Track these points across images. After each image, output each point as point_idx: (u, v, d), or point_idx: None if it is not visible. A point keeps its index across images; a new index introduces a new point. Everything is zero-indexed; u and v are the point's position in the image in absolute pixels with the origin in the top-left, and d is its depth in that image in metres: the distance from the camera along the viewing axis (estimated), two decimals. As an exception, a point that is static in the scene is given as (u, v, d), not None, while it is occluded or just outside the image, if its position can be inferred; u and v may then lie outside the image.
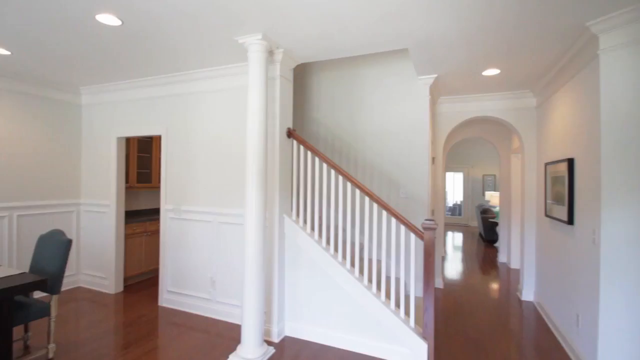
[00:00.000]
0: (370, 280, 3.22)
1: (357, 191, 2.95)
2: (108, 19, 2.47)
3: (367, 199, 2.94)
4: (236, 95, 3.50)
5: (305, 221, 3.43)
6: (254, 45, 2.73)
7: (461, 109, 4.64)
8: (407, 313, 3.02)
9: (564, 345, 3.11)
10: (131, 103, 4.13)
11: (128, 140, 4.81)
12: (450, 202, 12.17)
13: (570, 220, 2.95)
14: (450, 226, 11.25)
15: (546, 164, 3.68)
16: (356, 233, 2.96)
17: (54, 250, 2.81)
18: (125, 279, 4.51)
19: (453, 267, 5.98)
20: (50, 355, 2.75)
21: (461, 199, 11.81)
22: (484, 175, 11.28)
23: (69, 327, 3.31)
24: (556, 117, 3.46)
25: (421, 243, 3.82)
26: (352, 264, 3.25)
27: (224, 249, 3.55)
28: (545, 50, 2.94)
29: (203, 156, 3.67)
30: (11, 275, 2.49)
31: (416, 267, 3.85)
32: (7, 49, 3.04)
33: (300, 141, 3.20)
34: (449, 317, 3.73)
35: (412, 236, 2.72)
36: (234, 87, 3.50)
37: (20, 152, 3.91)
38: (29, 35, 2.74)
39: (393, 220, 2.80)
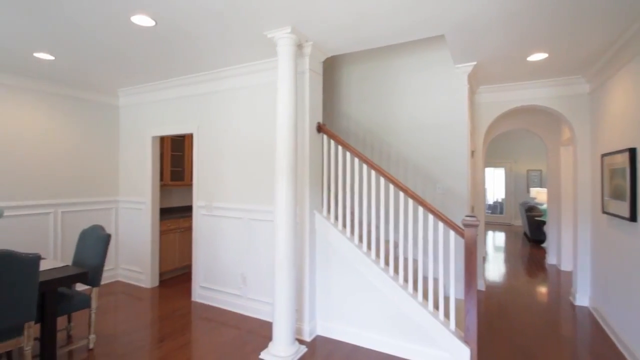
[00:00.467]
0: (405, 280, 3.06)
1: (391, 186, 2.80)
2: (142, 20, 2.50)
3: (401, 194, 2.79)
4: (265, 91, 3.46)
5: (336, 217, 3.33)
6: (283, 40, 2.67)
7: (503, 98, 4.33)
8: (446, 315, 2.84)
9: (626, 354, 2.78)
10: (164, 103, 4.23)
11: (162, 139, 4.94)
12: (490, 199, 11.57)
13: (633, 217, 2.63)
14: (491, 225, 10.69)
15: (603, 156, 3.32)
16: (390, 230, 2.81)
17: (94, 244, 2.91)
18: (161, 274, 4.63)
19: (495, 268, 5.63)
20: (91, 346, 2.85)
21: (503, 196, 11.19)
22: (528, 171, 10.59)
23: (108, 319, 3.43)
24: (614, 104, 3.11)
25: (461, 241, 3.59)
26: (387, 263, 3.11)
27: (255, 246, 3.53)
28: (599, 31, 2.63)
29: (233, 153, 3.67)
30: (55, 268, 2.59)
31: (456, 267, 3.63)
32: (52, 54, 3.19)
33: (331, 135, 3.10)
34: (492, 322, 3.48)
35: (452, 234, 2.54)
36: (262, 83, 3.47)
37: (64, 152, 4.12)
38: (71, 40, 2.84)
39: (430, 216, 2.63)
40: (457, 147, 3.66)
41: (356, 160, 3.00)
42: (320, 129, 3.15)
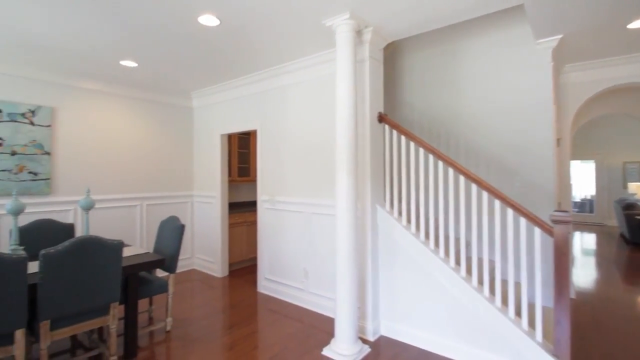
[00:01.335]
0: (480, 283, 2.78)
1: (461, 178, 2.55)
2: (208, 20, 2.62)
3: (473, 186, 2.52)
4: (325, 83, 3.41)
5: (400, 212, 3.15)
6: (342, 26, 2.58)
7: (595, 77, 3.72)
8: (530, 325, 2.50)
9: None
10: (230, 102, 4.44)
11: (230, 137, 5.21)
12: (577, 196, 10.17)
13: None
14: (579, 225, 9.38)
15: None
16: (461, 227, 2.56)
17: (171, 233, 3.16)
18: (230, 265, 4.90)
19: (586, 274, 4.89)
20: (168, 328, 3.10)
21: (592, 192, 9.74)
22: (625, 163, 9.06)
23: (184, 304, 3.71)
24: None
25: (549, 241, 3.16)
26: (457, 262, 2.85)
27: (316, 240, 3.52)
28: None
29: (294, 147, 3.70)
30: (137, 254, 2.86)
31: (542, 270, 3.21)
32: (135, 62, 3.53)
33: (393, 125, 2.94)
34: (585, 334, 2.99)
35: (537, 232, 2.22)
36: (322, 76, 3.43)
37: (147, 151, 4.57)
38: (150, 47, 3.11)
39: (509, 212, 2.33)
40: (539, 134, 3.22)
41: (421, 150, 2.79)
42: (381, 119, 3.00)
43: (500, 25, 3.44)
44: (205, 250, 4.89)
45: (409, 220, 3.13)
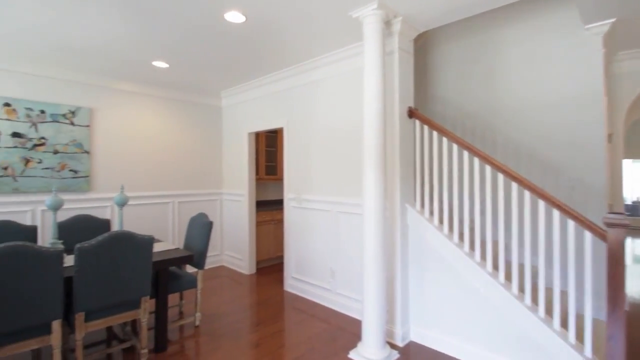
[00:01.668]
0: (521, 290, 2.58)
1: (500, 176, 2.37)
2: (234, 17, 2.61)
3: (514, 185, 2.33)
4: (352, 78, 3.32)
5: (431, 212, 3.00)
6: (369, 17, 2.48)
7: (657, 64, 3.34)
8: (578, 338, 2.28)
9: None
10: (258, 100, 4.46)
11: (257, 135, 5.24)
12: (627, 198, 9.35)
13: None
14: (629, 230, 8.62)
15: None
16: (499, 230, 2.38)
17: (199, 230, 3.20)
18: (257, 262, 4.93)
19: (639, 284, 4.45)
20: (197, 323, 3.14)
21: (646, 194, 8.93)
22: (687, 162, 8.20)
23: (213, 300, 3.76)
24: None
25: (602, 246, 2.88)
26: (495, 267, 2.67)
27: (343, 240, 3.43)
28: None
29: (321, 144, 3.64)
30: (168, 250, 2.92)
31: (593, 278, 2.94)
32: (166, 62, 3.62)
33: (424, 120, 2.79)
34: (643, 352, 2.70)
35: (587, 236, 2.01)
36: (349, 71, 3.34)
37: (178, 150, 4.69)
38: (180, 47, 3.17)
39: (555, 213, 2.13)
40: (588, 129, 2.94)
41: (455, 147, 2.63)
42: (411, 113, 2.87)
43: (543, 9, 3.18)
44: (233, 248, 4.96)
45: (441, 221, 2.97)
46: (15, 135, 3.33)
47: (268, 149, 5.49)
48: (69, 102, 3.70)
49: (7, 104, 3.28)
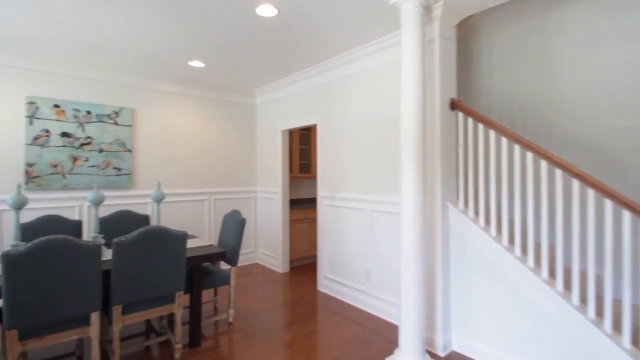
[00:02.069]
0: (583, 301, 2.28)
1: (558, 172, 2.10)
2: (266, 10, 2.55)
3: (575, 183, 2.05)
4: (389, 71, 3.15)
5: (476, 212, 2.76)
6: (407, 3, 2.31)
7: None
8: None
9: None
10: (291, 97, 4.41)
11: (291, 133, 5.21)
12: None
13: None
14: None
15: None
16: (557, 233, 2.11)
17: (232, 227, 3.20)
18: (291, 261, 4.89)
19: None
20: (230, 320, 3.14)
21: None
22: None
23: (246, 297, 3.77)
24: None
25: (673, 254, 2.49)
26: (552, 275, 2.39)
27: (379, 240, 3.28)
28: None
29: (355, 140, 3.51)
30: (202, 246, 2.94)
31: (662, 289, 2.55)
32: (202, 62, 3.67)
33: (468, 112, 2.56)
34: None
35: (669, 240, 1.70)
36: (385, 62, 3.17)
37: (215, 149, 4.77)
38: (214, 46, 3.19)
39: (626, 214, 1.84)
40: (666, 118, 2.54)
41: (503, 140, 2.38)
42: (454, 105, 2.65)
43: (609, -15, 2.80)
44: (267, 245, 4.96)
45: (487, 222, 2.72)
46: (64, 135, 3.53)
47: (302, 146, 5.45)
48: (113, 102, 3.88)
49: (56, 105, 3.49)
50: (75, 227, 2.98)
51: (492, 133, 2.46)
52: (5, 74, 3.27)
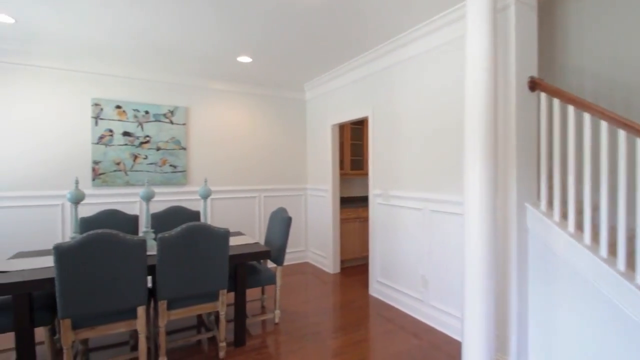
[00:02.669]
0: None
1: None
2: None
3: None
4: (448, 51, 2.76)
5: (564, 215, 2.27)
6: (475, -36, 1.94)
7: None
8: None
9: None
10: (341, 89, 4.18)
11: (342, 128, 4.98)
12: None
13: None
14: None
15: None
16: (684, 240, 1.60)
17: (278, 225, 3.08)
18: (342, 262, 4.68)
19: None
20: (276, 320, 3.03)
21: None
22: None
23: (294, 297, 3.64)
24: None
25: None
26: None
27: (438, 244, 2.91)
28: None
29: (411, 132, 3.17)
30: (247, 244, 2.86)
31: None
32: (250, 57, 3.62)
33: (554, 92, 2.10)
34: None
35: None
36: (443, 43, 2.79)
37: (265, 146, 4.73)
38: (261, 38, 3.10)
39: None
40: None
41: (603, 125, 1.89)
42: (534, 85, 2.20)
43: None
44: (317, 245, 4.81)
45: (579, 227, 2.22)
46: (126, 134, 3.73)
47: (354, 142, 5.19)
48: (168, 102, 4.02)
49: (118, 106, 3.69)
50: (131, 221, 3.10)
51: (586, 117, 1.97)
52: (74, 78, 3.54)
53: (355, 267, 4.76)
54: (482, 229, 1.93)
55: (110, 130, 3.65)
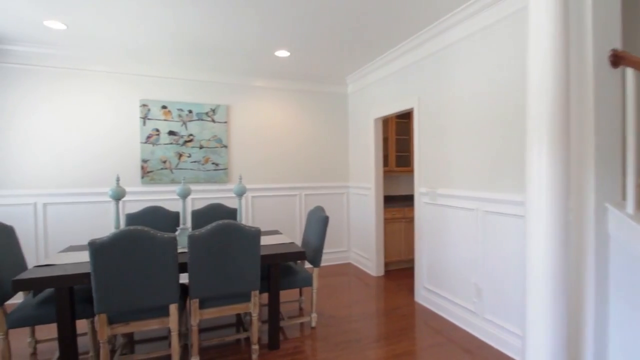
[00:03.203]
0: None
1: None
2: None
3: None
4: (505, 28, 2.39)
5: (656, 219, 1.83)
6: None
7: None
8: None
9: None
10: (384, 80, 3.92)
11: (386, 123, 4.70)
12: None
13: None
14: None
15: None
16: None
17: (315, 225, 2.94)
18: (386, 264, 4.42)
19: None
20: (313, 324, 2.89)
21: None
22: None
23: (334, 300, 3.47)
24: None
25: None
26: None
27: (493, 249, 2.55)
28: None
29: (461, 123, 2.83)
30: (281, 244, 2.76)
31: None
32: (287, 50, 3.52)
33: (646, 66, 1.68)
34: None
35: None
36: (499, 18, 2.42)
37: (305, 142, 4.62)
38: (297, 30, 3.00)
39: None
40: None
41: None
42: (618, 59, 1.78)
43: None
44: (360, 245, 4.59)
45: (680, 234, 1.76)
46: (171, 133, 3.85)
47: (399, 137, 4.88)
48: (210, 101, 4.08)
49: (164, 107, 3.82)
50: (173, 218, 3.17)
51: (695, 93, 1.54)
52: (123, 80, 3.73)
53: (400, 271, 4.46)
54: (549, 235, 1.60)
55: (157, 130, 3.79)
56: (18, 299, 3.37)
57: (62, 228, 3.51)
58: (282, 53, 3.57)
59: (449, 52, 2.94)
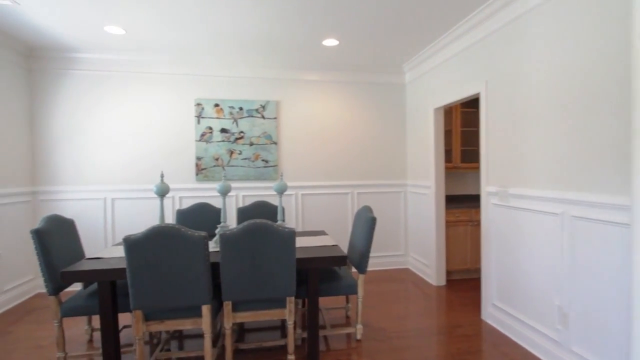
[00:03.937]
0: None
1: None
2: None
3: None
4: (610, -22, 1.84)
5: None
6: None
7: None
8: None
9: None
10: (444, 64, 3.45)
11: (450, 112, 4.19)
12: None
13: None
14: None
15: None
16: None
17: (361, 227, 2.68)
18: (448, 273, 3.94)
19: None
20: (358, 337, 2.63)
21: None
22: None
23: (386, 309, 3.16)
24: None
25: None
26: None
27: (585, 265, 2.01)
28: None
29: (540, 107, 2.30)
30: (322, 246, 2.55)
31: None
32: (336, 39, 3.30)
33: None
34: None
35: None
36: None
37: (358, 137, 4.34)
38: (348, 16, 2.80)
39: None
40: None
41: None
42: None
43: None
44: (419, 250, 4.17)
45: None
46: (223, 130, 3.91)
47: (465, 128, 4.32)
48: (260, 97, 4.05)
49: (216, 105, 3.89)
50: (219, 214, 3.18)
51: None
52: (179, 81, 3.88)
53: (465, 281, 3.94)
54: (673, 254, 1.12)
55: (210, 128, 3.87)
56: (77, 287, 3.71)
57: (128, 221, 3.79)
58: (331, 42, 3.36)
59: (524, 23, 2.42)
